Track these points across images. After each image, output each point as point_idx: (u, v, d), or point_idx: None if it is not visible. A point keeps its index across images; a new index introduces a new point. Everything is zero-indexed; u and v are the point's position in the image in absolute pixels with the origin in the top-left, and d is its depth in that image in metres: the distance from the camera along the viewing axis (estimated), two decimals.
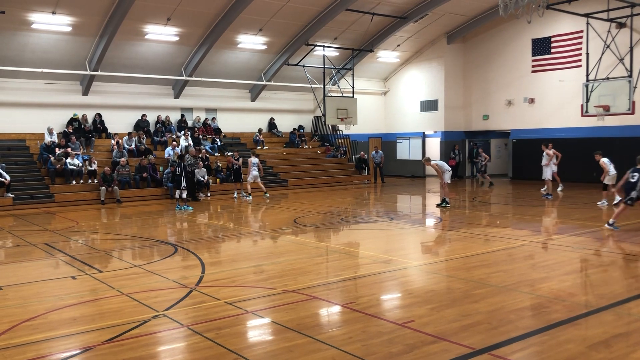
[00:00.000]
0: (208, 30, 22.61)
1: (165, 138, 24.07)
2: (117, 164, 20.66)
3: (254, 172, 20.28)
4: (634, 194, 11.71)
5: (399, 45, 28.37)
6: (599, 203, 16.62)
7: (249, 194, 20.26)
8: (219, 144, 25.45)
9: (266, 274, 8.64)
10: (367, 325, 5.97)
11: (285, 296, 7.20)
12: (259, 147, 26.77)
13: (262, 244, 11.84)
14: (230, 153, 22.47)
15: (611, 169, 15.87)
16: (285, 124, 29.08)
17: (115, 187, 19.93)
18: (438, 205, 16.65)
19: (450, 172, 17.16)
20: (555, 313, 6.35)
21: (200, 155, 21.75)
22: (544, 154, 19.37)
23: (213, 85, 26.11)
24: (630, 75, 20.21)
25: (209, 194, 21.38)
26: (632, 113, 20.15)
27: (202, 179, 21.07)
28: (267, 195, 20.71)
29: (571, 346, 5.26)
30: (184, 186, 17.34)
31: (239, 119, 27.55)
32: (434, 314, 6.32)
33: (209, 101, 26.66)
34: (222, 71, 25.55)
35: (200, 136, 25.07)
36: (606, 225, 12.20)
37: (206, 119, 26.44)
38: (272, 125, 28.66)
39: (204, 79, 25.07)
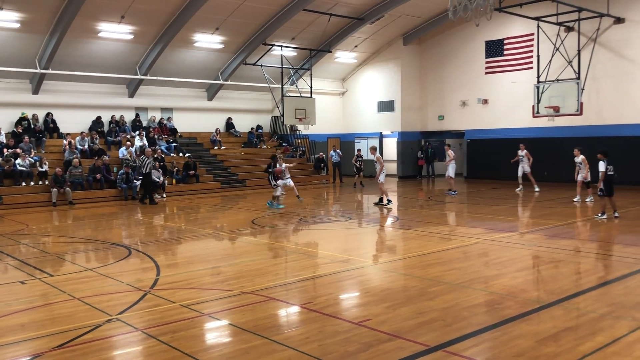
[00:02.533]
0: (163, 29, 22.24)
1: (119, 138, 23.57)
2: (70, 165, 20.11)
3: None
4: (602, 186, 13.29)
5: (356, 46, 28.56)
6: (587, 200, 17.09)
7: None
8: (175, 144, 25.07)
9: (223, 275, 8.56)
10: (324, 325, 5.99)
11: (242, 298, 7.15)
12: (216, 147, 26.52)
13: (219, 246, 11.73)
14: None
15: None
16: (243, 124, 28.89)
17: (68, 188, 19.38)
18: (376, 204, 16.76)
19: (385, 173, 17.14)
20: (508, 309, 6.51)
21: (155, 156, 21.38)
22: (523, 153, 20.29)
23: (169, 84, 25.70)
24: (578, 78, 20.90)
25: (164, 195, 21.04)
26: (581, 114, 20.85)
27: (158, 180, 20.73)
28: (302, 199, 18.62)
29: (522, 341, 5.41)
30: (275, 185, 17.20)
31: (196, 119, 27.21)
32: (390, 312, 6.39)
33: (165, 101, 26.24)
34: (178, 70, 25.19)
35: (156, 136, 24.64)
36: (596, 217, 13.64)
37: (162, 118, 26.01)
38: (229, 125, 28.42)
39: (160, 78, 24.65)
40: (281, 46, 25.23)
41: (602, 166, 13.37)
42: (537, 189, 20.29)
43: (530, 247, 10.45)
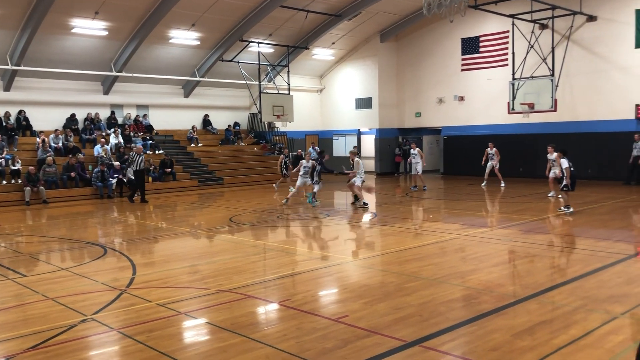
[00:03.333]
0: (138, 25, 21.96)
1: (94, 136, 23.23)
2: (43, 163, 19.76)
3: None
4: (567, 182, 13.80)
5: (333, 43, 28.57)
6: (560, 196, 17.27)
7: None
8: (151, 141, 24.80)
9: (200, 274, 8.50)
10: (302, 322, 5.99)
11: (220, 296, 7.11)
12: (193, 145, 26.31)
13: (196, 244, 11.65)
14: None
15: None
16: (220, 121, 28.70)
17: (41, 187, 19.05)
18: (353, 203, 16.73)
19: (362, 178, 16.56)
20: (484, 304, 6.58)
21: (132, 153, 21.06)
22: (493, 151, 20.62)
23: (144, 81, 25.41)
24: (553, 75, 21.20)
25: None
26: (555, 110, 21.16)
27: (133, 177, 20.43)
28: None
29: (497, 335, 5.47)
30: (317, 180, 16.82)
31: (172, 116, 26.94)
32: (368, 308, 6.41)
33: (140, 97, 25.93)
34: (153, 67, 24.91)
35: (132, 133, 24.35)
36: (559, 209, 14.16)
37: (137, 115, 25.70)
38: (206, 122, 28.21)
39: (135, 75, 24.35)
40: (258, 43, 25.10)
41: (565, 163, 13.94)
42: (502, 185, 20.63)
43: (506, 242, 10.58)
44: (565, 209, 13.96)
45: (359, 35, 28.57)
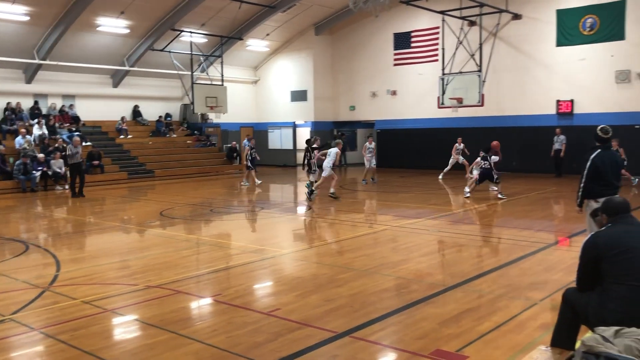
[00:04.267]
0: (63, 11, 20.97)
1: (15, 127, 22.05)
2: None
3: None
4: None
5: (268, 35, 28.36)
6: (494, 189, 17.70)
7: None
8: (78, 133, 23.81)
9: (129, 269, 8.26)
10: (233, 316, 5.93)
11: (148, 292, 6.94)
12: (122, 136, 25.48)
13: (125, 239, 11.31)
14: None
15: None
16: (151, 112, 27.91)
17: None
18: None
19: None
20: (413, 293, 6.75)
21: (57, 145, 20.22)
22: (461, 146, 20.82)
23: (71, 70, 24.30)
24: (480, 70, 21.89)
25: (66, 187, 19.97)
26: (482, 105, 21.89)
27: (59, 170, 19.64)
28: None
29: (425, 324, 5.62)
30: (311, 169, 16.03)
31: (100, 107, 25.90)
32: (300, 301, 6.43)
33: (66, 87, 24.81)
34: (80, 55, 23.86)
35: (57, 124, 23.29)
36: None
37: (63, 106, 24.60)
38: (136, 113, 27.38)
39: (60, 63, 23.25)
40: (191, 32, 24.55)
41: (492, 159, 15.21)
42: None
43: (435, 232, 10.88)
44: (500, 195, 15.21)
45: (294, 28, 28.49)
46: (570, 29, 21.84)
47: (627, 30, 20.52)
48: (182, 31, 24.16)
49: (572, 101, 21.94)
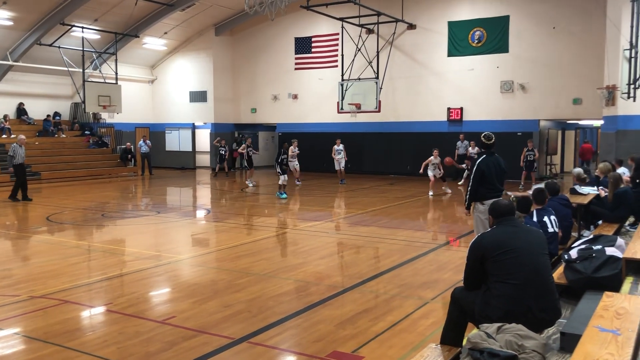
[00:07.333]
0: None
1: None
2: None
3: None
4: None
5: (166, 33, 27.54)
6: (447, 190, 17.92)
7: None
8: None
9: (10, 279, 7.67)
10: (125, 326, 5.69)
11: (32, 303, 6.48)
12: (4, 136, 23.67)
13: (6, 246, 10.51)
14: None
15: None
16: (38, 110, 26.15)
17: None
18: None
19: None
20: (311, 295, 6.81)
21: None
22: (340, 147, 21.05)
23: None
24: (377, 77, 22.62)
25: None
26: (379, 111, 22.62)
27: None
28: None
29: (322, 326, 5.69)
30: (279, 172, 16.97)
31: None
32: (196, 308, 6.28)
33: None
34: None
35: None
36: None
37: None
38: (21, 111, 25.54)
39: None
40: (82, 27, 23.31)
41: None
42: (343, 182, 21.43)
43: (334, 234, 11.07)
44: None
45: (193, 27, 27.89)
46: (460, 40, 23.09)
47: (510, 43, 22.04)
48: (73, 26, 22.88)
49: (461, 109, 23.19)
